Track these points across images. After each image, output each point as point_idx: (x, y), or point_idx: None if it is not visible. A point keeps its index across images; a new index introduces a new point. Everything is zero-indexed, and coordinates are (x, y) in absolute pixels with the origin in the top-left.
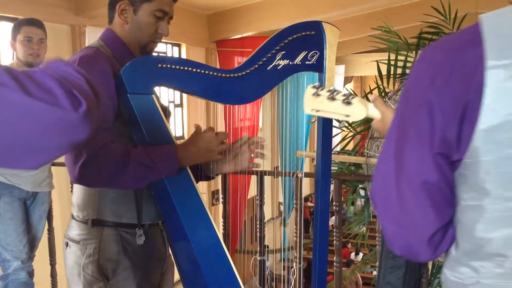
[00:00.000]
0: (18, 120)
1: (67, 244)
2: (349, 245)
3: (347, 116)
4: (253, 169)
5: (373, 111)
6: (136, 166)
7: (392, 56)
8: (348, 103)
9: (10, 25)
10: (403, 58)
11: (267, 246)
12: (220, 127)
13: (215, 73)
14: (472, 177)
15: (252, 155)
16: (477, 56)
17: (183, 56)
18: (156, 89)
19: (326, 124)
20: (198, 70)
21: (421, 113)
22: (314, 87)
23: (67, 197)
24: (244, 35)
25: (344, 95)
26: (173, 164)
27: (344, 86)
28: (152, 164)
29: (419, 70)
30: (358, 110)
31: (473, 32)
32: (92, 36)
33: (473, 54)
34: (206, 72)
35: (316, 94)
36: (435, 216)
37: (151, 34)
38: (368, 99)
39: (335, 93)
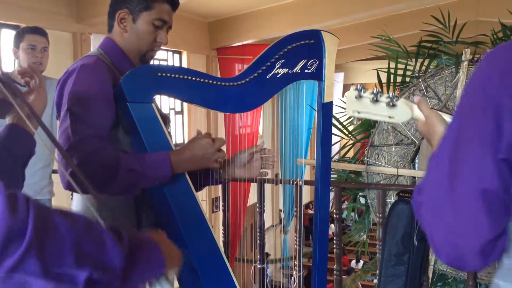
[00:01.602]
0: None
1: None
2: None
3: (391, 117)
4: (261, 177)
5: (417, 113)
6: (126, 173)
7: (392, 64)
8: (393, 105)
9: (12, 33)
10: (402, 66)
11: (268, 254)
12: (220, 134)
13: (214, 82)
14: None
15: (262, 164)
16: None
17: (184, 63)
18: (156, 96)
19: (325, 132)
20: (198, 79)
21: (487, 116)
22: (356, 89)
23: (66, 205)
24: (244, 42)
25: (388, 97)
26: (165, 170)
27: (344, 94)
28: (143, 171)
29: (485, 71)
30: (403, 112)
31: None
32: (97, 44)
33: None
34: (206, 80)
35: (359, 96)
36: (491, 225)
37: (150, 42)
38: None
39: (379, 95)
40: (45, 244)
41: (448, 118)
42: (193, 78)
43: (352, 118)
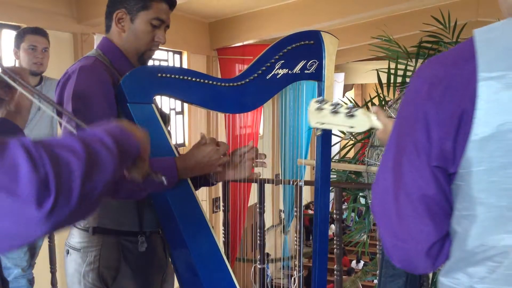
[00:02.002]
0: None
1: (68, 252)
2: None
3: (352, 127)
4: (256, 178)
5: (376, 122)
6: None
7: (392, 65)
8: (352, 115)
9: (12, 33)
10: (403, 66)
11: (269, 254)
12: (221, 135)
13: (214, 82)
14: (465, 187)
15: (253, 164)
16: (471, 69)
17: (185, 63)
18: (157, 96)
19: (325, 133)
20: (198, 80)
21: (418, 127)
22: (317, 101)
23: None
24: (245, 43)
25: (348, 108)
26: (172, 176)
27: (344, 94)
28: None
29: (416, 84)
30: (362, 122)
31: (468, 47)
32: None
33: (468, 67)
34: (206, 81)
35: (320, 108)
36: (433, 228)
37: (148, 42)
38: (368, 108)
39: (338, 106)
40: (61, 180)
41: None
42: (193, 79)
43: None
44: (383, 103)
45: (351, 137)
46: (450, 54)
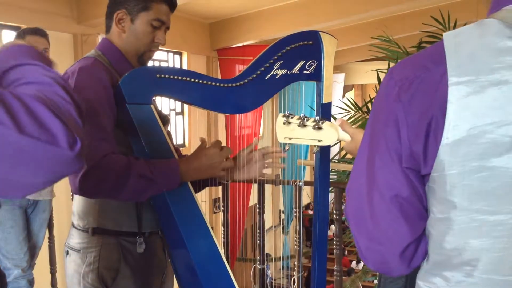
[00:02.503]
0: (10, 158)
1: (67, 253)
2: (346, 252)
3: (320, 141)
4: (262, 178)
5: (342, 134)
6: (137, 179)
7: (392, 65)
8: (319, 128)
9: (12, 34)
10: None
11: (269, 254)
12: (221, 135)
13: (213, 83)
14: (439, 190)
15: (265, 165)
16: (440, 73)
17: (185, 64)
18: (156, 97)
19: None
20: (197, 80)
21: (389, 128)
22: (284, 116)
23: (66, 206)
24: (245, 43)
25: (314, 120)
26: (175, 179)
27: (344, 95)
28: (154, 177)
29: (387, 86)
30: (329, 134)
31: (438, 50)
32: None
33: (437, 71)
34: (205, 82)
35: (287, 123)
36: (407, 230)
37: (148, 43)
38: (331, 121)
39: (306, 119)
40: (76, 128)
41: None
42: (192, 80)
43: (350, 116)
44: None
45: None
46: (421, 56)
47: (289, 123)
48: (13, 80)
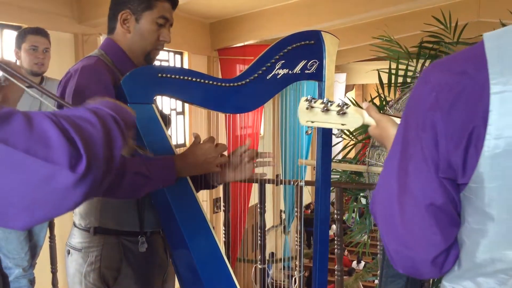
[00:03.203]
0: (4, 175)
1: (68, 252)
2: (346, 252)
3: (343, 125)
4: (259, 177)
5: (368, 118)
6: (133, 176)
7: (393, 65)
8: (343, 113)
9: (13, 33)
10: (404, 67)
11: (273, 253)
12: (222, 135)
13: (214, 83)
14: (476, 201)
15: (254, 164)
16: (482, 80)
17: (185, 64)
18: (157, 97)
19: (325, 133)
20: (198, 80)
21: (425, 137)
22: (306, 100)
23: None
24: (246, 43)
25: (338, 105)
26: (171, 174)
27: (345, 95)
28: (150, 174)
29: (423, 91)
30: (354, 119)
31: (477, 53)
32: None
33: (479, 78)
34: (206, 81)
35: (310, 107)
36: (440, 238)
37: (154, 41)
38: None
39: (329, 104)
40: (88, 145)
41: (399, 121)
42: (193, 79)
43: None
44: (384, 103)
45: (352, 137)
46: (459, 59)
47: (312, 107)
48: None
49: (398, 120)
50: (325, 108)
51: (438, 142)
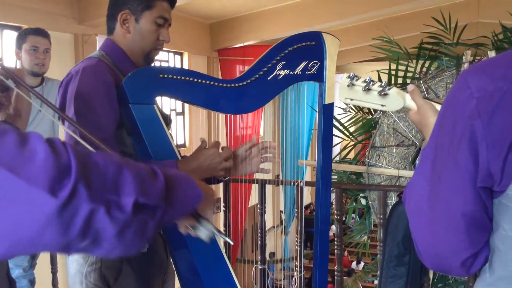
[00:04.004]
0: None
1: None
2: (346, 253)
3: (383, 105)
4: (265, 173)
5: (410, 102)
6: None
7: (393, 66)
8: (385, 94)
9: (13, 34)
10: (403, 68)
11: (273, 253)
12: (221, 136)
13: (216, 83)
14: None
15: (262, 159)
16: None
17: (185, 64)
18: (158, 97)
19: (326, 133)
20: (199, 80)
21: (464, 145)
22: (348, 77)
23: None
24: (245, 43)
25: (381, 85)
26: None
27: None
28: None
29: (462, 97)
30: (395, 101)
31: None
32: None
33: None
34: (207, 82)
35: (351, 85)
36: (469, 243)
37: (153, 41)
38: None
39: (371, 84)
40: (89, 176)
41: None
42: (195, 80)
43: (351, 116)
44: None
45: (351, 138)
46: (499, 64)
47: (353, 85)
48: None
49: (438, 107)
50: (367, 88)
51: (478, 152)
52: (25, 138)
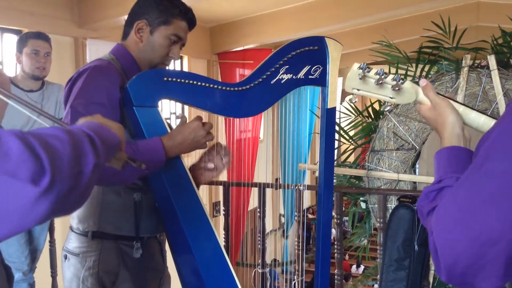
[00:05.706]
0: None
1: (65, 257)
2: (347, 257)
3: (392, 98)
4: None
5: (422, 96)
6: None
7: (392, 70)
8: (398, 89)
9: (14, 37)
10: (403, 71)
11: (276, 260)
12: (221, 139)
13: (219, 87)
14: None
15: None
16: None
17: (185, 68)
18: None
19: (328, 138)
20: (203, 84)
21: None
22: (360, 67)
23: None
24: (245, 47)
25: (394, 79)
26: (160, 154)
27: (344, 99)
28: (134, 154)
29: None
30: (407, 94)
31: None
32: (93, 49)
33: None
34: (211, 85)
35: (363, 76)
36: (503, 273)
37: (162, 56)
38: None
39: (384, 76)
40: (54, 161)
41: (457, 106)
42: (198, 83)
43: (351, 120)
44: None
45: (351, 141)
46: None
47: (365, 76)
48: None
49: (455, 104)
50: (380, 82)
51: None
52: None
